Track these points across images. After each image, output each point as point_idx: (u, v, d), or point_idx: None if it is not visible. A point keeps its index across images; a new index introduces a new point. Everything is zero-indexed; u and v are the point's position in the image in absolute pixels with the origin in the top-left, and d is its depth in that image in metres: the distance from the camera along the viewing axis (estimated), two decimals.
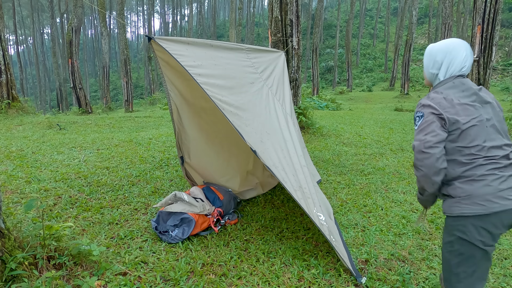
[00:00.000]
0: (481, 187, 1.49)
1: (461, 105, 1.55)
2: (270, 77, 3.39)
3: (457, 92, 1.59)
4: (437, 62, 1.67)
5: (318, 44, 22.67)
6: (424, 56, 1.75)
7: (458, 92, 1.59)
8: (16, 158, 4.62)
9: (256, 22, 55.55)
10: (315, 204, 2.49)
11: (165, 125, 8.83)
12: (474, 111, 1.54)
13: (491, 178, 1.49)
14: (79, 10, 13.70)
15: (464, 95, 1.58)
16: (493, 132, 1.55)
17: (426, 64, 1.73)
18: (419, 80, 29.96)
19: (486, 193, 1.48)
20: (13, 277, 1.86)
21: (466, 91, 1.59)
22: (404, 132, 7.83)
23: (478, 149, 1.51)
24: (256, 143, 2.53)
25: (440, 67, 1.67)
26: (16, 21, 32.97)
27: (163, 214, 2.82)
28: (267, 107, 3.05)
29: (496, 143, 1.53)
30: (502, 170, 1.50)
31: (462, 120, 1.52)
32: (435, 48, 1.69)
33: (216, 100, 2.46)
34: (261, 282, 2.23)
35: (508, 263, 2.56)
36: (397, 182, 4.33)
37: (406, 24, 30.63)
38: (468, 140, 1.52)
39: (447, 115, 1.53)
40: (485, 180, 1.49)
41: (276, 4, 6.13)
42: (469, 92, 1.59)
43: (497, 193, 1.47)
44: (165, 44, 2.47)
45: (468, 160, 1.53)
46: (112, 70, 49.37)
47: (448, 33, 17.33)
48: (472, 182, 1.52)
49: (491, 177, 1.49)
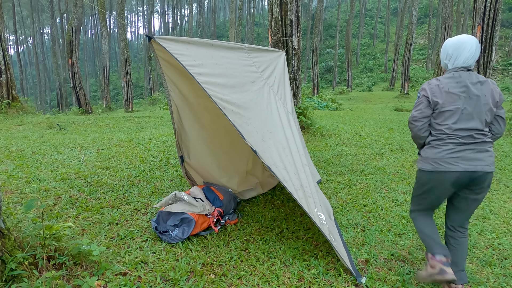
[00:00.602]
0: (435, 153, 2.05)
1: (448, 93, 2.02)
2: (271, 76, 3.39)
3: (451, 82, 2.03)
4: (448, 54, 2.10)
5: (318, 44, 22.67)
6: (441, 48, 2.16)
7: (452, 82, 2.03)
8: (16, 158, 4.62)
9: (256, 22, 55.55)
10: (316, 203, 2.49)
11: (165, 125, 8.83)
12: (456, 100, 2.00)
13: (444, 147, 2.02)
14: (79, 10, 13.70)
15: (455, 86, 2.02)
16: (467, 119, 1.99)
17: (442, 55, 2.15)
18: (419, 80, 29.95)
19: (436, 157, 2.04)
20: (13, 277, 1.86)
21: (459, 83, 2.02)
22: (404, 132, 7.83)
23: (446, 127, 2.02)
24: (257, 142, 2.52)
25: (450, 58, 2.09)
26: (16, 21, 32.98)
27: (163, 214, 2.82)
28: (268, 106, 3.04)
29: (465, 126, 1.99)
30: (457, 145, 2.00)
31: (442, 104, 2.02)
32: (449, 43, 2.10)
33: (216, 100, 2.45)
34: (261, 282, 2.23)
35: (508, 263, 2.56)
36: (397, 182, 4.33)
37: (406, 24, 30.64)
38: (441, 119, 2.04)
39: (433, 98, 2.04)
40: (440, 148, 2.04)
41: (276, 4, 6.13)
42: (461, 84, 2.01)
43: (444, 159, 2.01)
44: (166, 44, 2.47)
45: (436, 133, 2.07)
46: (112, 70, 49.39)
47: (448, 33, 17.33)
48: (431, 148, 2.08)
49: (445, 147, 2.02)
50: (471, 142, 2.00)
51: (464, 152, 1.99)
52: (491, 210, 3.53)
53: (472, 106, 1.98)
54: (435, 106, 2.04)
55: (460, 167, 1.98)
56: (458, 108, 1.99)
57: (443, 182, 2.04)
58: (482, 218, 3.34)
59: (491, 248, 2.77)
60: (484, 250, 2.73)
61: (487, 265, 2.52)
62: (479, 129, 2.00)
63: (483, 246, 2.80)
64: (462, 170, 1.98)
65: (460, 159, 1.98)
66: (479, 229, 3.09)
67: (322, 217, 2.43)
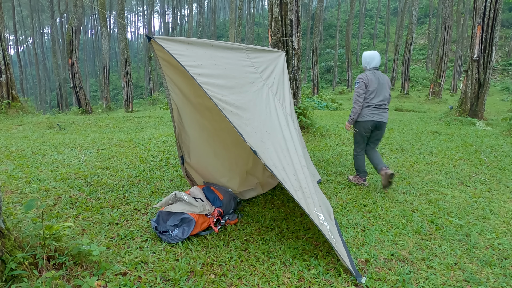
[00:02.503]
0: (364, 112, 3.89)
1: (371, 80, 3.86)
2: (270, 77, 3.39)
3: (371, 75, 3.89)
4: (366, 61, 3.99)
5: (318, 44, 22.67)
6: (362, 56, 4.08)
7: (371, 75, 3.89)
8: (16, 158, 4.62)
9: (256, 22, 55.55)
10: (315, 204, 2.49)
11: (165, 125, 8.83)
12: (374, 84, 3.86)
13: (367, 110, 3.87)
14: (79, 10, 13.70)
15: (373, 77, 3.88)
16: (378, 95, 3.87)
17: (363, 61, 4.04)
18: (419, 80, 29.96)
19: (363, 113, 3.89)
20: (13, 277, 1.86)
21: (374, 76, 3.89)
22: (404, 132, 7.83)
23: (369, 100, 3.87)
24: (256, 143, 2.52)
25: (368, 63, 3.98)
26: (16, 21, 32.99)
27: (163, 214, 2.81)
28: (267, 107, 3.05)
29: (377, 99, 3.87)
30: (372, 109, 3.87)
31: (368, 86, 3.86)
32: (367, 55, 4.00)
33: (216, 100, 2.46)
34: (261, 282, 2.23)
35: (508, 263, 2.56)
36: (397, 182, 4.33)
37: (406, 24, 30.64)
38: (367, 95, 3.87)
39: (366, 83, 3.85)
40: (365, 110, 3.88)
41: (276, 4, 6.13)
42: (375, 76, 3.89)
43: (366, 114, 3.88)
44: (165, 44, 2.46)
45: (366, 103, 3.88)
46: (112, 70, 49.40)
47: (448, 33, 17.32)
48: (363, 109, 3.89)
49: (367, 109, 3.87)
50: (380, 107, 3.89)
51: (376, 111, 3.88)
52: (491, 210, 3.53)
53: (381, 88, 3.88)
54: (366, 87, 3.86)
55: (375, 118, 3.87)
56: (375, 88, 3.86)
57: (367, 125, 3.90)
58: (482, 218, 3.34)
59: (491, 248, 2.77)
60: (484, 250, 2.73)
61: (487, 265, 2.52)
62: (383, 100, 3.91)
63: (483, 246, 2.80)
64: (375, 120, 3.87)
65: (375, 115, 3.87)
66: (479, 229, 3.09)
67: (322, 217, 2.43)
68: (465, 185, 4.33)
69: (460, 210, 3.51)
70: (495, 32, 8.84)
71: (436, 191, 4.03)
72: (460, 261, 2.55)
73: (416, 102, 19.08)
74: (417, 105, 16.90)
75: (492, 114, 11.64)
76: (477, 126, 8.62)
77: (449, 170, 4.88)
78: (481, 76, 9.14)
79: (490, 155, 5.71)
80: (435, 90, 18.67)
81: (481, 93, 9.27)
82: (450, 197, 3.86)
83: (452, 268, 2.47)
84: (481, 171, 4.88)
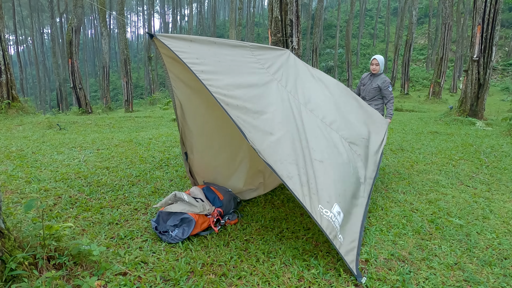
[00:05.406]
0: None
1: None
2: (278, 72, 3.29)
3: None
4: (383, 64, 4.54)
5: (318, 44, 22.68)
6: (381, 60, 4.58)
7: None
8: (16, 158, 4.62)
9: (256, 22, 55.52)
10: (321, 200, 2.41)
11: (165, 125, 8.83)
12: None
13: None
14: (79, 10, 13.70)
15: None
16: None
17: (381, 64, 4.52)
18: (419, 80, 29.96)
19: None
20: (13, 277, 1.86)
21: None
22: (404, 132, 7.83)
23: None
24: (264, 136, 2.49)
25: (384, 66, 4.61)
26: (16, 21, 32.97)
27: (163, 214, 2.81)
28: (278, 99, 2.96)
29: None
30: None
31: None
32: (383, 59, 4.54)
33: (219, 96, 2.42)
34: (261, 282, 2.23)
35: (508, 263, 2.56)
36: (397, 182, 4.33)
37: (406, 24, 30.60)
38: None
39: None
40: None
41: (276, 4, 6.12)
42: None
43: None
44: (167, 41, 2.44)
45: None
46: (112, 70, 49.35)
47: (448, 33, 17.33)
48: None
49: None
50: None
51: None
52: (491, 210, 3.53)
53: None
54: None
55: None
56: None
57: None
58: (482, 218, 3.34)
59: (491, 248, 2.77)
60: (484, 250, 2.73)
61: (487, 265, 2.52)
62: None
63: (483, 246, 2.80)
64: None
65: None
66: (479, 229, 3.09)
67: (329, 213, 2.39)
68: (465, 185, 4.33)
69: (460, 210, 3.51)
70: (495, 32, 8.84)
71: (436, 191, 4.03)
72: (460, 261, 2.55)
73: (416, 102, 19.10)
74: (417, 105, 16.92)
75: (492, 114, 11.65)
76: (477, 126, 8.63)
77: (449, 170, 4.88)
78: (481, 76, 9.14)
79: (490, 155, 5.71)
80: (435, 90, 18.68)
81: (481, 93, 9.27)
82: (450, 197, 3.86)
83: (452, 268, 2.47)
84: (481, 171, 4.88)
